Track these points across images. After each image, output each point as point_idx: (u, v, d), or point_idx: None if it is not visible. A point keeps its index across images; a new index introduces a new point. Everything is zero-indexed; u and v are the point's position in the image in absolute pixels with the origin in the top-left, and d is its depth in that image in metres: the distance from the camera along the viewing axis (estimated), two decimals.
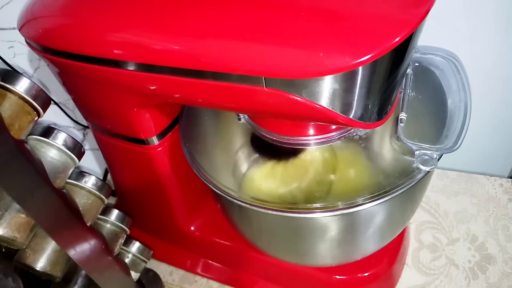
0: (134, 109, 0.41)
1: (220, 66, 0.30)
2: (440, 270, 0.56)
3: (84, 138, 0.68)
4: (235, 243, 0.53)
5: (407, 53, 0.31)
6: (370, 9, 0.28)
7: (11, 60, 0.54)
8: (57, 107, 0.61)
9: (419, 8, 0.27)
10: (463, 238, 0.59)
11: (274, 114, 0.37)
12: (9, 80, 0.32)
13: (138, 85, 0.36)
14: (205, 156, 0.44)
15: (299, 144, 0.41)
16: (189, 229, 0.55)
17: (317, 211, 0.37)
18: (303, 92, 0.29)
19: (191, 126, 0.47)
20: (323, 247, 0.44)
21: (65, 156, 0.37)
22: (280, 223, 0.43)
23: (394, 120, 0.40)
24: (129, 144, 0.46)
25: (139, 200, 0.56)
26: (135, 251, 0.50)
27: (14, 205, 0.33)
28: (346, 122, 0.32)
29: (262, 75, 0.29)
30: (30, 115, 0.34)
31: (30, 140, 0.36)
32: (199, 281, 0.59)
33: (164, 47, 0.32)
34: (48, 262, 0.38)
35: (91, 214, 0.41)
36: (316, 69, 0.27)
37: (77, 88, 0.43)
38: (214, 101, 0.36)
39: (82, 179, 0.41)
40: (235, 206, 0.43)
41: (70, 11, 0.37)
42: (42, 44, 0.38)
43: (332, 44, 0.27)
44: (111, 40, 0.34)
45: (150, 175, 0.49)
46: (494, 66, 0.57)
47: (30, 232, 0.35)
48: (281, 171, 0.43)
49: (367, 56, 0.26)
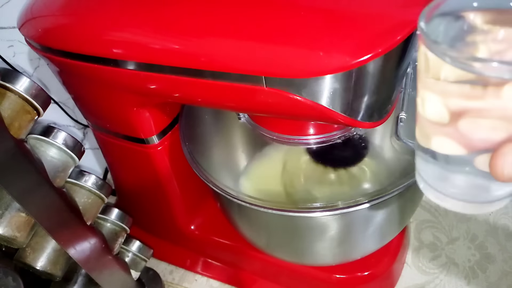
0: (134, 108, 0.41)
1: (220, 65, 0.30)
2: (440, 269, 0.56)
3: (84, 137, 0.68)
4: (235, 242, 0.53)
5: (407, 52, 0.30)
6: (371, 8, 0.28)
7: (11, 59, 0.54)
8: (57, 106, 0.61)
9: (419, 6, 0.27)
10: (463, 237, 0.59)
11: (274, 114, 0.37)
12: (9, 79, 0.32)
13: (138, 84, 0.36)
14: (205, 155, 0.44)
15: (300, 143, 0.40)
16: (189, 228, 0.55)
17: (316, 210, 0.37)
18: (303, 91, 0.29)
19: (191, 125, 0.47)
20: (323, 246, 0.44)
21: (65, 155, 0.37)
22: (280, 222, 0.43)
23: (394, 119, 0.40)
24: (129, 143, 0.46)
25: (139, 199, 0.56)
26: (135, 250, 0.50)
27: (14, 204, 0.33)
28: (346, 122, 0.32)
29: (262, 74, 0.29)
30: (30, 114, 0.34)
31: (30, 139, 0.36)
32: (199, 280, 0.59)
33: (164, 46, 0.32)
34: (48, 261, 0.38)
35: (91, 213, 0.41)
36: (316, 68, 0.27)
37: (77, 87, 0.43)
38: (214, 100, 0.36)
39: (82, 178, 0.41)
40: (234, 205, 0.43)
41: (70, 10, 0.37)
42: (42, 43, 0.38)
43: (332, 43, 0.27)
44: (111, 39, 0.34)
45: (150, 174, 0.49)
46: None
47: (30, 231, 0.35)
48: (281, 170, 0.43)
49: (367, 55, 0.26)
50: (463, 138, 0.21)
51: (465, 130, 0.20)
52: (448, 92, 0.20)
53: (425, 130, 0.23)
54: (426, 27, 0.21)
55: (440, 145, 0.22)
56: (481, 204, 0.23)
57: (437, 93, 0.21)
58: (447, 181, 0.23)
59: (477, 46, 0.21)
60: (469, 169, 0.22)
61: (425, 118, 0.22)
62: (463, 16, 0.22)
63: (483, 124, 0.20)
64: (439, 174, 0.23)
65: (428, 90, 0.22)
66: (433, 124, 0.22)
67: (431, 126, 0.22)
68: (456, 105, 0.20)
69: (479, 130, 0.20)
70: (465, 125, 0.20)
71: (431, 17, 0.21)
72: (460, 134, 0.20)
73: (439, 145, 0.22)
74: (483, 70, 0.18)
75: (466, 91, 0.19)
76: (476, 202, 0.23)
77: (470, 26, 0.22)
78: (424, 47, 0.21)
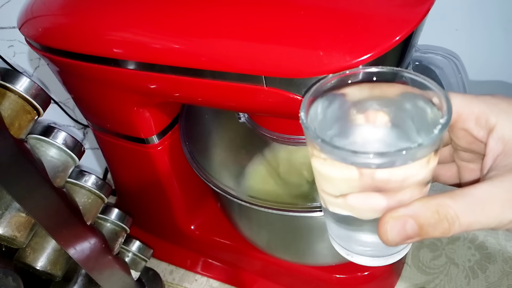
0: (134, 108, 0.41)
1: (220, 65, 0.30)
2: (440, 269, 0.56)
3: (84, 137, 0.68)
4: (235, 242, 0.53)
5: (407, 52, 0.30)
6: (371, 8, 0.28)
7: (11, 59, 0.54)
8: (57, 106, 0.61)
9: (419, 6, 0.27)
10: (463, 237, 0.59)
11: (274, 113, 0.37)
12: (9, 79, 0.32)
13: (138, 84, 0.36)
14: (205, 155, 0.44)
15: (300, 143, 0.40)
16: (189, 228, 0.55)
17: (317, 210, 0.37)
18: (303, 91, 0.29)
19: (191, 125, 0.47)
20: (323, 246, 0.44)
21: (65, 155, 0.37)
22: (280, 222, 0.43)
23: None
24: (129, 143, 0.46)
25: (139, 199, 0.56)
26: (135, 250, 0.50)
27: (14, 204, 0.33)
28: None
29: (262, 74, 0.29)
30: (30, 114, 0.34)
31: (30, 139, 0.36)
32: (199, 280, 0.59)
33: (164, 46, 0.32)
34: (48, 261, 0.38)
35: (91, 213, 0.41)
36: (316, 68, 0.27)
37: (77, 87, 0.43)
38: (214, 100, 0.36)
39: (82, 178, 0.41)
40: (235, 205, 0.43)
41: (70, 9, 0.37)
42: (42, 43, 0.38)
43: (332, 43, 0.27)
44: (111, 39, 0.34)
45: (150, 174, 0.49)
46: (495, 65, 0.57)
47: (30, 231, 0.35)
48: (281, 170, 0.43)
49: (367, 55, 0.26)
50: (353, 211, 0.23)
51: (353, 205, 0.22)
52: (331, 177, 0.22)
53: (323, 200, 0.25)
54: (304, 118, 0.22)
55: (337, 211, 0.24)
56: (385, 257, 0.25)
57: (324, 178, 0.23)
58: (351, 239, 0.25)
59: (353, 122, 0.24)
60: (365, 229, 0.24)
61: (321, 193, 0.24)
62: (342, 94, 0.24)
63: (367, 198, 0.22)
64: (343, 233, 0.25)
65: (317, 172, 0.24)
66: (327, 199, 0.24)
67: (326, 200, 0.24)
68: (341, 186, 0.22)
69: (364, 204, 0.22)
70: (352, 201, 0.22)
71: (313, 102, 0.24)
72: (350, 207, 0.22)
73: (336, 211, 0.24)
74: (356, 160, 0.20)
75: (346, 175, 0.21)
76: (380, 256, 0.25)
77: (347, 104, 0.24)
78: (307, 136, 0.22)
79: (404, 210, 0.21)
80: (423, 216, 0.21)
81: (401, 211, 0.21)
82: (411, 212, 0.21)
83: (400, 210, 0.21)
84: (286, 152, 0.42)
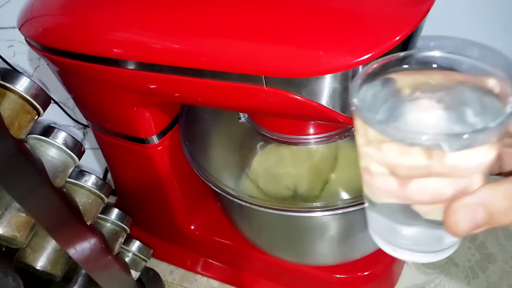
0: (134, 108, 0.41)
1: (220, 65, 0.30)
2: (440, 269, 0.56)
3: (84, 137, 0.68)
4: (235, 242, 0.53)
5: None
6: (371, 8, 0.28)
7: (11, 59, 0.54)
8: (57, 106, 0.61)
9: (419, 6, 0.27)
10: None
11: (274, 113, 0.37)
12: (9, 79, 0.32)
13: (138, 84, 0.36)
14: (205, 155, 0.44)
15: (300, 143, 0.40)
16: (189, 228, 0.55)
17: (317, 210, 0.37)
18: (303, 91, 0.29)
19: (191, 125, 0.47)
20: (323, 246, 0.44)
21: (65, 155, 0.37)
22: (280, 222, 0.43)
23: None
24: (129, 143, 0.46)
25: (139, 199, 0.56)
26: (135, 250, 0.50)
27: (14, 204, 0.33)
28: (346, 121, 0.32)
29: (262, 74, 0.29)
30: (30, 114, 0.34)
31: (30, 139, 0.36)
32: (199, 280, 0.59)
33: (164, 46, 0.32)
34: (48, 261, 0.38)
35: (91, 213, 0.41)
36: (316, 68, 0.27)
37: (77, 87, 0.43)
38: (214, 100, 0.36)
39: (82, 178, 0.41)
40: (235, 205, 0.43)
41: (70, 9, 0.37)
42: (42, 43, 0.38)
43: (332, 43, 0.27)
44: (111, 39, 0.34)
45: (150, 174, 0.49)
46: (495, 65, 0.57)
47: (30, 231, 0.35)
48: (281, 170, 0.43)
49: (367, 55, 0.26)
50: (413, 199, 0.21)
51: (414, 193, 0.21)
52: (394, 164, 0.21)
53: (374, 192, 0.23)
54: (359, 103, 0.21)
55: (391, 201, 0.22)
56: (435, 253, 0.24)
57: (383, 165, 0.21)
58: (399, 234, 0.24)
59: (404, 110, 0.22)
60: (420, 222, 0.22)
61: (372, 185, 0.23)
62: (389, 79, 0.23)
63: (431, 185, 0.20)
64: (391, 227, 0.24)
65: (373, 161, 0.22)
66: (381, 190, 0.23)
67: (379, 192, 0.23)
68: (403, 173, 0.21)
69: (428, 191, 0.21)
70: (414, 189, 0.21)
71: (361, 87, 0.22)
72: (410, 196, 0.21)
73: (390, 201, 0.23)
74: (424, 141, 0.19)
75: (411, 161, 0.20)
76: (430, 251, 0.24)
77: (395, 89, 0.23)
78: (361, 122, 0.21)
79: (472, 198, 0.20)
80: (493, 203, 0.20)
81: (469, 199, 0.20)
82: (480, 200, 0.20)
83: (467, 197, 0.20)
84: (286, 152, 0.42)
